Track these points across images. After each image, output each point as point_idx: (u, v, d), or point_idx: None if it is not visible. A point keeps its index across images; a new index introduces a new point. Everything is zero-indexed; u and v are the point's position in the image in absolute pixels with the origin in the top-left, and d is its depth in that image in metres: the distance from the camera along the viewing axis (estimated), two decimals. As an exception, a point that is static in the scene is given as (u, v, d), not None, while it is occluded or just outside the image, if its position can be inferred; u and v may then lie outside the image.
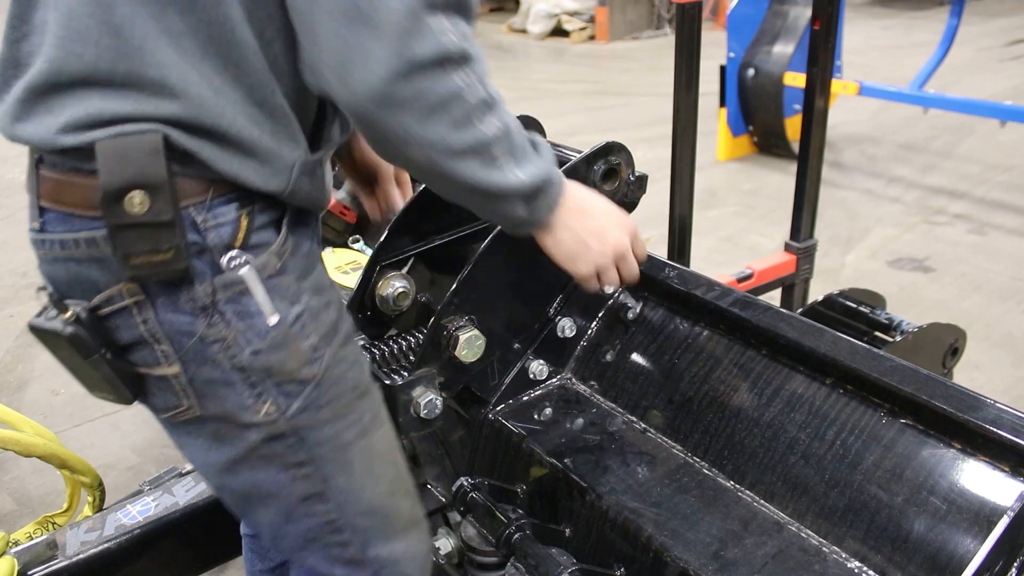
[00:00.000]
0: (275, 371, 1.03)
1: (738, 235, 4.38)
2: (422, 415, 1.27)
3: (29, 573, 1.44)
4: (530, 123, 1.56)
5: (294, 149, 1.00)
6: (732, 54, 5.32)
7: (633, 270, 1.25)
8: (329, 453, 1.11)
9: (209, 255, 0.96)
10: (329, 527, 1.15)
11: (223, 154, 0.94)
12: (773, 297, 2.79)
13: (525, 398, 1.42)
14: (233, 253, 0.97)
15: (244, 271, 0.97)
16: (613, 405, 1.38)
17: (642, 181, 1.41)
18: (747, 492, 1.16)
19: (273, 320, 1.00)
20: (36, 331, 0.98)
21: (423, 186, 1.48)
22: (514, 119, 1.04)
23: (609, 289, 1.33)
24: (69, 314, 0.94)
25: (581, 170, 1.33)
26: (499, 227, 1.29)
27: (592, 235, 1.19)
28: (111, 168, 0.89)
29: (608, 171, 1.36)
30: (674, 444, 1.28)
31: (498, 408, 1.40)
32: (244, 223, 0.98)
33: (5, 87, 0.94)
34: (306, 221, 1.08)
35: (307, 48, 0.93)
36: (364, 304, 1.49)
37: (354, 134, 1.37)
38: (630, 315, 1.42)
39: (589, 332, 1.45)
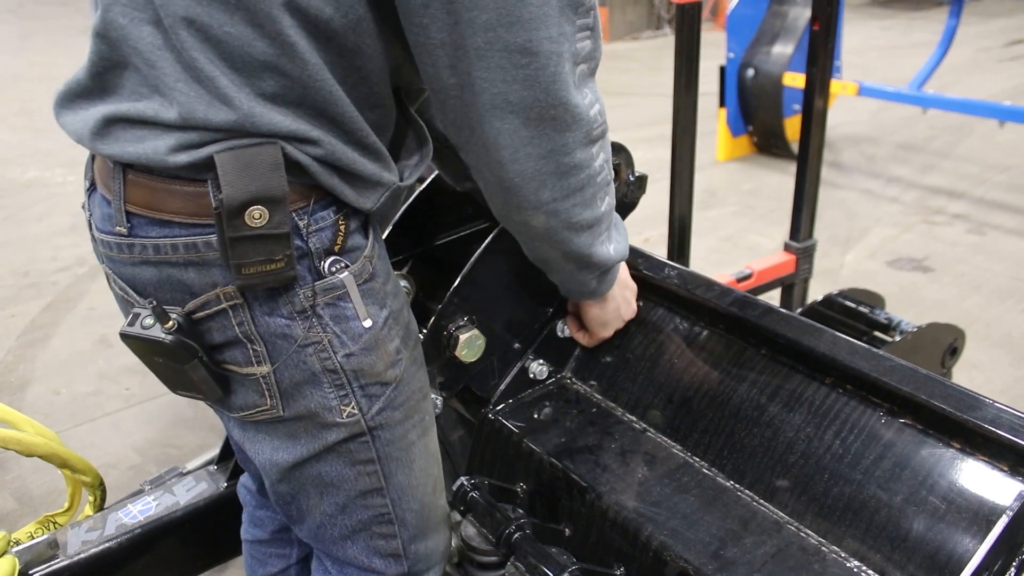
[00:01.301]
0: (364, 373, 1.04)
1: (737, 235, 4.38)
2: (422, 415, 1.27)
3: (30, 572, 1.44)
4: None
5: (388, 177, 1.02)
6: (732, 54, 5.32)
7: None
8: (396, 452, 1.13)
9: (309, 260, 0.97)
10: (380, 520, 1.17)
11: (326, 172, 0.95)
12: (773, 297, 2.79)
13: (525, 398, 1.42)
14: (334, 258, 0.98)
15: (344, 276, 0.99)
16: (613, 405, 1.38)
17: (642, 181, 1.42)
18: (746, 491, 1.17)
19: (368, 324, 1.02)
20: (131, 339, 0.96)
21: (422, 187, 1.49)
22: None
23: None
24: (171, 323, 0.93)
25: (581, 170, 1.33)
26: (499, 228, 1.29)
27: (625, 304, 1.39)
28: (233, 183, 0.88)
29: (608, 171, 1.36)
30: (674, 443, 1.28)
31: (498, 408, 1.40)
32: (342, 227, 0.99)
33: (86, 103, 0.94)
34: (378, 227, 1.10)
35: (459, 121, 0.97)
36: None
37: None
38: (630, 315, 1.42)
39: (589, 332, 1.45)
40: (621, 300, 1.37)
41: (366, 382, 1.05)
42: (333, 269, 0.98)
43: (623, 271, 1.35)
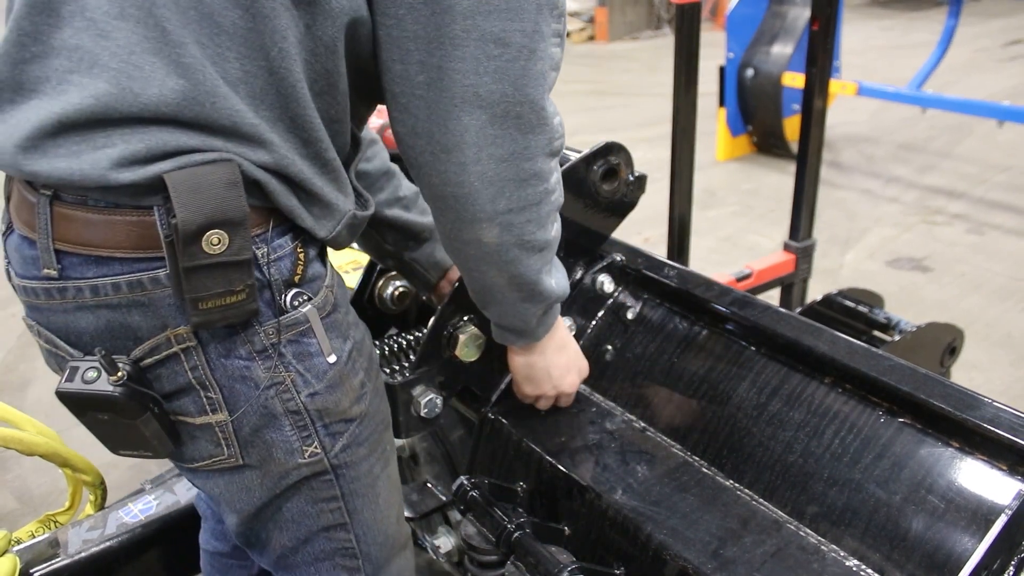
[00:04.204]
0: (328, 412, 0.98)
1: (737, 235, 4.38)
2: (422, 414, 1.27)
3: (31, 571, 1.45)
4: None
5: (345, 202, 0.96)
6: (731, 54, 5.33)
7: (566, 404, 1.36)
8: (360, 488, 1.07)
9: (268, 292, 0.89)
10: (344, 552, 1.11)
11: (285, 190, 0.88)
12: (772, 297, 2.79)
13: (525, 397, 1.43)
14: (296, 291, 0.91)
15: (307, 309, 0.91)
16: (612, 404, 1.38)
17: (641, 181, 1.42)
18: (746, 491, 1.17)
19: (332, 359, 0.95)
20: (71, 397, 0.86)
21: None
22: None
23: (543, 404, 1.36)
24: (120, 374, 0.84)
25: (581, 170, 1.34)
26: None
27: (557, 369, 1.27)
28: (188, 204, 0.79)
29: (608, 171, 1.37)
30: (673, 443, 1.28)
31: (498, 407, 1.40)
32: (301, 256, 0.92)
33: (6, 107, 0.82)
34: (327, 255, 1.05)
35: (421, 123, 0.90)
36: (365, 303, 1.49)
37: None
38: (630, 315, 1.43)
39: (589, 331, 1.45)
40: (555, 363, 1.26)
41: (330, 420, 0.99)
42: (296, 303, 0.91)
43: (572, 342, 1.29)
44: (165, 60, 0.78)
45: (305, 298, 0.92)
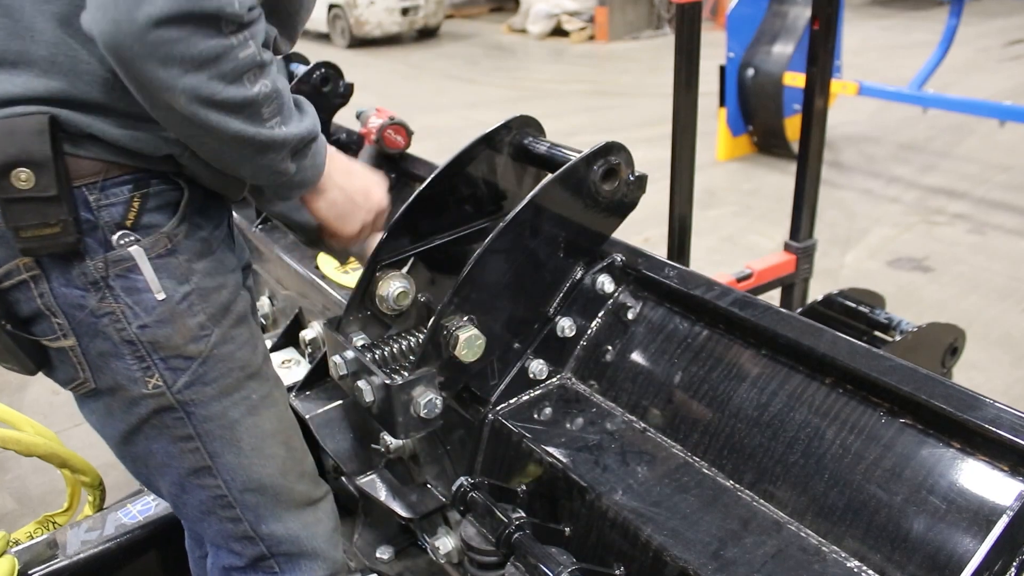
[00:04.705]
0: (161, 345, 1.10)
1: (737, 235, 4.38)
2: (422, 415, 1.27)
3: (30, 572, 1.45)
4: (529, 123, 1.56)
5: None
6: (732, 54, 5.33)
7: (382, 224, 1.38)
8: (216, 430, 1.18)
9: (101, 232, 1.03)
10: (220, 501, 1.22)
11: (114, 124, 1.00)
12: (773, 297, 2.79)
13: (525, 398, 1.42)
14: (123, 232, 1.05)
15: (132, 249, 1.05)
16: (613, 405, 1.38)
17: (642, 181, 1.42)
18: (746, 491, 1.17)
19: (160, 296, 1.08)
20: None
21: (421, 187, 1.49)
22: (284, 82, 1.05)
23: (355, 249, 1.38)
24: None
25: (581, 170, 1.34)
26: (499, 228, 1.29)
27: (360, 193, 1.29)
28: None
29: (608, 171, 1.36)
30: (674, 444, 1.28)
31: (498, 408, 1.40)
32: (136, 204, 1.05)
33: None
34: (209, 211, 1.14)
35: None
36: (364, 304, 1.49)
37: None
38: (630, 315, 1.43)
39: (589, 332, 1.45)
40: (354, 189, 1.26)
41: (166, 355, 1.11)
42: (122, 242, 1.04)
43: (345, 160, 1.25)
44: None
45: (132, 239, 1.05)
